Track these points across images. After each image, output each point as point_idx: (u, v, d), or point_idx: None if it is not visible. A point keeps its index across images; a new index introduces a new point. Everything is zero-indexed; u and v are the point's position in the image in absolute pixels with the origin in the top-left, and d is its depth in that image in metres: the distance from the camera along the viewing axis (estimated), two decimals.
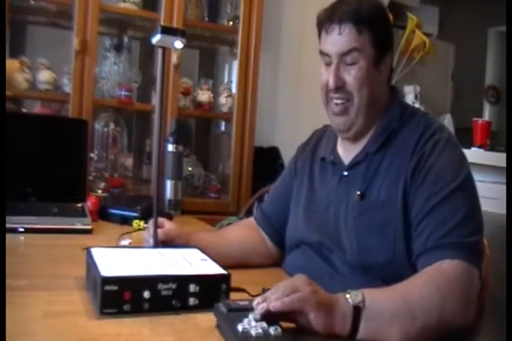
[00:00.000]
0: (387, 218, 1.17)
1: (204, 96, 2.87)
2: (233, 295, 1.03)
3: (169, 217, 1.81)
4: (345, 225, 1.27)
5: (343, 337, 0.90)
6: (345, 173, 1.31)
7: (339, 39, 1.22)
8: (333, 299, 0.92)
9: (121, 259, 1.08)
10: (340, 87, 1.24)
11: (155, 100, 2.68)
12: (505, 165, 2.43)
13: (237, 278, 1.07)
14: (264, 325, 0.84)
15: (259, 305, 0.88)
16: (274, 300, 0.87)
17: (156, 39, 1.24)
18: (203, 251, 1.23)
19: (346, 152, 1.34)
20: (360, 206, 1.25)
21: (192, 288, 0.99)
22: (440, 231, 1.08)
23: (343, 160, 1.34)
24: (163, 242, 1.28)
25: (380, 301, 0.93)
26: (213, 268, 1.07)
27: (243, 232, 1.53)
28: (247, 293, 1.07)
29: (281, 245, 1.50)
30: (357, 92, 1.24)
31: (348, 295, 0.92)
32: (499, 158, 2.53)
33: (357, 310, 0.91)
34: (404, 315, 0.93)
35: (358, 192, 1.25)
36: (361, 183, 1.25)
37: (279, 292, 0.89)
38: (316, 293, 0.90)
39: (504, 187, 2.42)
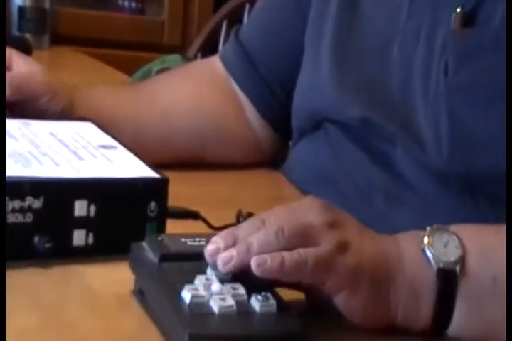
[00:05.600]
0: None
1: None
2: (173, 226, 0.71)
3: (25, 48, 1.26)
4: (425, 86, 0.87)
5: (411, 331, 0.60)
6: None
7: None
8: (389, 259, 0.60)
9: None
10: None
11: None
12: None
13: (184, 189, 0.78)
14: (241, 290, 0.55)
15: (221, 256, 0.57)
16: (256, 248, 0.56)
17: None
18: (102, 128, 0.85)
19: None
20: (463, 42, 0.85)
21: (80, 208, 0.65)
22: None
23: None
24: (14, 104, 0.91)
25: (500, 257, 0.62)
26: (130, 167, 0.74)
27: (196, 90, 1.05)
28: (204, 220, 0.74)
29: (279, 123, 1.09)
30: None
31: (425, 240, 0.60)
32: None
33: (448, 279, 0.60)
34: None
35: (459, 9, 0.84)
36: None
37: (268, 233, 0.57)
38: (351, 251, 0.58)
39: None
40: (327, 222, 0.57)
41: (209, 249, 0.55)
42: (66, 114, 0.91)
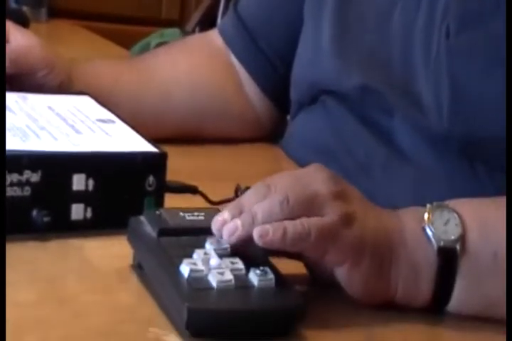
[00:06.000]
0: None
1: None
2: (171, 201, 0.71)
3: (22, 21, 1.27)
4: (426, 51, 0.86)
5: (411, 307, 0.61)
6: None
7: None
8: (391, 232, 0.60)
9: None
10: None
11: None
12: None
13: (182, 163, 0.77)
14: (239, 264, 0.55)
15: (227, 226, 0.56)
16: (260, 218, 0.55)
17: None
18: (100, 102, 0.83)
19: None
20: (465, 5, 0.81)
21: (78, 182, 0.65)
22: None
23: None
24: (11, 77, 0.88)
25: (500, 233, 0.61)
26: (128, 141, 0.73)
27: (195, 64, 1.03)
28: (202, 195, 0.74)
29: (278, 97, 1.03)
30: None
31: (426, 217, 0.60)
32: None
33: (448, 258, 0.60)
34: None
35: None
36: None
37: (273, 202, 0.57)
38: (356, 224, 0.58)
39: None
40: (333, 192, 0.56)
41: (216, 221, 0.55)
42: (64, 87, 0.91)
